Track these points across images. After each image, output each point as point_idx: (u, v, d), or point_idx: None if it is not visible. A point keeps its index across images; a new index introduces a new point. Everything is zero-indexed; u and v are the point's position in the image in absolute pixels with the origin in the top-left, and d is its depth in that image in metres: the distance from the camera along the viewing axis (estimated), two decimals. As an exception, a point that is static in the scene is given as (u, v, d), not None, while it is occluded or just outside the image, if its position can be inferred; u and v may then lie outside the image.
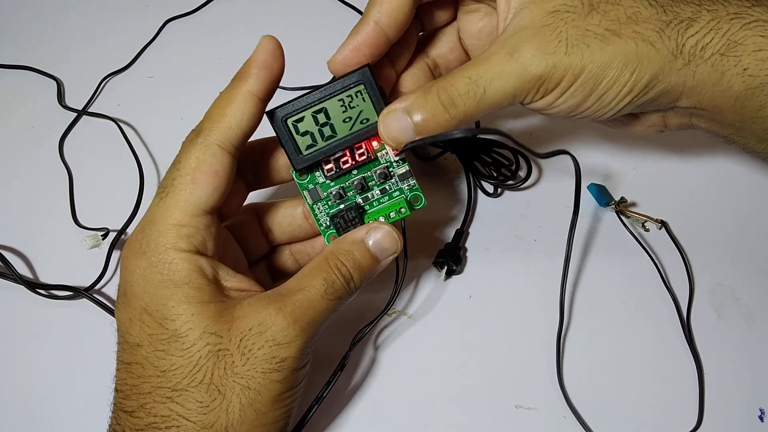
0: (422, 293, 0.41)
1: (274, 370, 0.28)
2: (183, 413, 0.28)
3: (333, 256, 0.31)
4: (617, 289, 0.41)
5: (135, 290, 0.29)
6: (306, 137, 0.31)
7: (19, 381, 0.38)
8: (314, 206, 0.34)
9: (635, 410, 0.37)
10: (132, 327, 0.29)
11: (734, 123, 0.31)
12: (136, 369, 0.29)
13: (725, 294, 0.41)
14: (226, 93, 0.30)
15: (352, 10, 0.58)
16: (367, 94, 0.31)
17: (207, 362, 0.28)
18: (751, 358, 0.38)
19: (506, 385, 0.38)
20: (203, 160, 0.29)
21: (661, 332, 0.39)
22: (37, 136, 0.50)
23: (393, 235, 0.32)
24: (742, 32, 0.28)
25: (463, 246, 0.43)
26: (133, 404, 0.28)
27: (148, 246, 0.29)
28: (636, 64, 0.29)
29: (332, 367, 0.35)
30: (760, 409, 0.36)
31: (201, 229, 0.29)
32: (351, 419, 0.37)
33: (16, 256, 0.43)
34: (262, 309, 0.29)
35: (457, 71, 0.30)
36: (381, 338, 0.39)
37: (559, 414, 0.36)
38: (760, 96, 0.29)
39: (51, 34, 0.57)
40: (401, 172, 0.34)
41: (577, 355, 0.39)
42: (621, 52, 0.28)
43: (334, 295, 0.30)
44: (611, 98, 0.30)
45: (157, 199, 0.30)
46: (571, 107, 0.30)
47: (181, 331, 0.28)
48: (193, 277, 0.29)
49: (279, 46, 0.30)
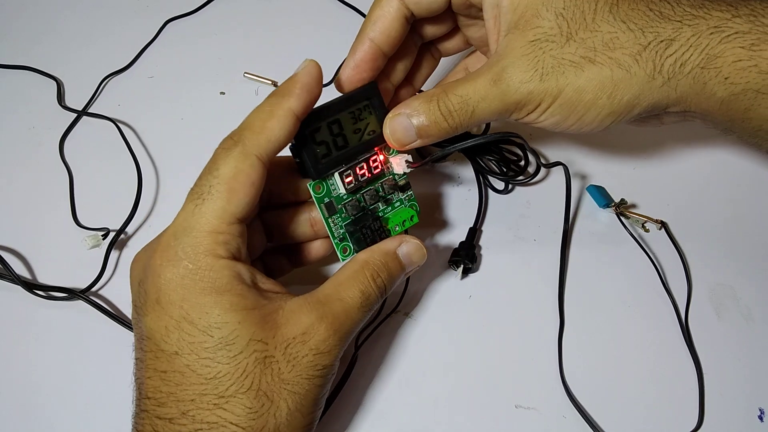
0: (422, 293, 0.41)
1: (318, 376, 0.29)
2: (232, 420, 0.28)
3: (368, 267, 0.32)
4: (617, 289, 0.41)
5: (172, 298, 0.29)
6: (322, 147, 0.33)
7: (18, 382, 0.38)
8: (329, 219, 0.34)
9: (635, 410, 0.37)
10: (169, 335, 0.29)
11: (724, 122, 0.32)
12: (174, 377, 0.28)
13: (725, 294, 0.41)
14: (268, 107, 0.31)
15: (352, 10, 0.58)
16: (374, 108, 0.34)
17: (255, 369, 0.28)
18: (750, 358, 0.38)
19: (506, 385, 0.38)
20: (242, 170, 0.29)
21: (661, 332, 0.39)
22: (37, 136, 0.50)
23: (422, 249, 0.35)
24: (721, 46, 0.30)
25: (478, 244, 0.43)
26: (172, 411, 0.28)
27: (185, 253, 0.29)
28: (611, 88, 0.31)
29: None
30: (760, 409, 0.36)
31: (236, 236, 0.30)
32: (351, 419, 0.37)
33: (15, 257, 0.43)
34: (304, 317, 0.30)
35: (452, 86, 0.32)
36: (381, 338, 0.39)
37: (559, 414, 0.36)
38: (743, 100, 0.30)
39: (51, 34, 0.57)
40: (402, 184, 0.36)
41: (576, 355, 0.39)
42: (595, 77, 0.31)
43: (368, 306, 0.32)
44: (592, 118, 0.32)
45: (192, 206, 0.29)
46: (554, 124, 0.33)
47: (229, 339, 0.28)
48: (234, 284, 0.29)
49: (320, 71, 0.32)
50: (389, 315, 0.40)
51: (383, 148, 0.35)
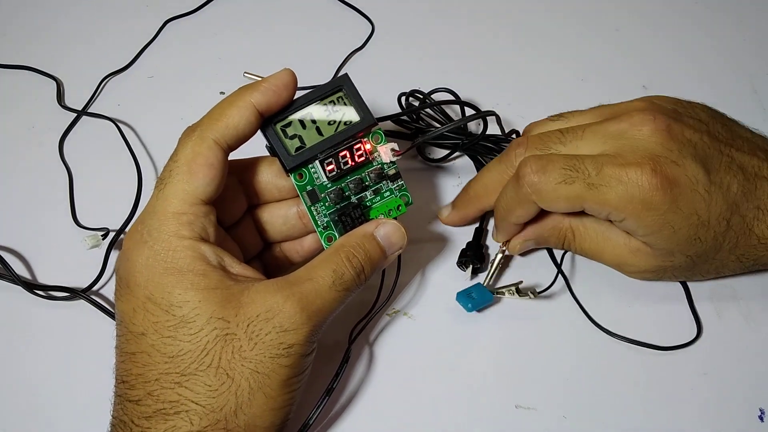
0: (422, 293, 0.41)
1: (282, 355, 0.29)
2: (192, 397, 0.28)
3: (344, 249, 0.32)
4: (618, 288, 0.41)
5: (138, 280, 0.29)
6: (294, 140, 0.34)
7: (18, 382, 0.38)
8: (312, 207, 0.35)
9: (636, 410, 0.37)
10: (136, 316, 0.29)
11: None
12: (142, 358, 0.29)
13: (725, 294, 0.41)
14: (229, 97, 0.32)
15: (352, 10, 0.58)
16: (348, 99, 0.34)
17: (215, 346, 0.28)
18: (751, 358, 0.38)
19: (506, 385, 0.38)
20: (199, 152, 0.30)
21: (661, 332, 0.39)
22: (36, 136, 0.50)
23: (401, 230, 0.34)
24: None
25: (484, 243, 0.43)
26: (139, 393, 0.29)
27: (150, 235, 0.30)
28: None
29: (334, 360, 0.36)
30: (760, 409, 0.36)
31: (200, 217, 0.30)
32: (351, 419, 0.37)
33: (15, 257, 0.43)
34: (270, 296, 0.29)
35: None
36: (381, 338, 0.39)
37: (559, 414, 0.36)
38: None
39: (50, 34, 0.57)
40: (392, 173, 0.36)
41: (576, 355, 0.39)
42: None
43: (343, 286, 0.31)
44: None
45: (156, 191, 0.31)
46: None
47: (189, 316, 0.28)
48: (197, 264, 0.29)
49: (295, 80, 0.33)
50: (382, 308, 0.40)
51: (370, 136, 0.35)
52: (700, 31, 0.57)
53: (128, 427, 0.29)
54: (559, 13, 0.58)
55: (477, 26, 0.57)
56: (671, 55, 0.55)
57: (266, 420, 0.29)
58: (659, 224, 0.34)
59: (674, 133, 0.34)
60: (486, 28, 0.57)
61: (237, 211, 0.36)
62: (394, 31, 0.57)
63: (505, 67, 0.54)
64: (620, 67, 0.54)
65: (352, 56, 0.54)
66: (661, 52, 0.55)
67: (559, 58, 0.54)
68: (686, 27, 0.57)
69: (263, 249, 0.38)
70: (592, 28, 0.57)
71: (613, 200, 0.33)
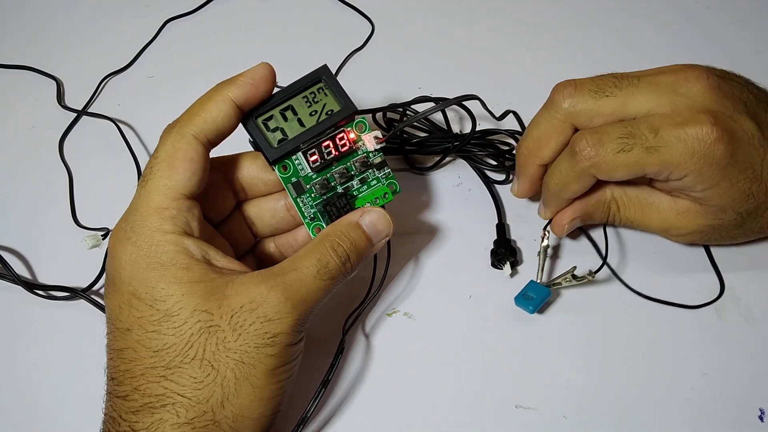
0: (422, 293, 0.41)
1: (267, 344, 0.29)
2: (177, 390, 0.28)
3: (328, 238, 0.32)
4: (617, 288, 0.41)
5: (122, 276, 0.29)
6: (276, 133, 0.34)
7: (18, 382, 0.38)
8: (298, 199, 0.35)
9: (636, 410, 0.37)
10: (122, 313, 0.29)
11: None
12: (128, 353, 0.29)
13: (725, 294, 0.41)
14: (207, 92, 0.32)
15: (352, 10, 0.58)
16: (328, 89, 0.34)
17: (198, 339, 0.28)
18: (751, 358, 0.38)
19: (506, 385, 0.38)
20: (179, 148, 0.31)
21: (661, 332, 0.39)
22: (36, 136, 0.50)
23: (386, 217, 0.34)
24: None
25: (510, 237, 0.43)
26: (127, 389, 0.29)
27: (133, 231, 0.30)
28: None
29: (329, 354, 0.36)
30: (760, 409, 0.36)
31: (183, 211, 0.30)
32: (350, 419, 0.37)
33: (15, 257, 0.43)
34: (254, 287, 0.29)
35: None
36: (380, 338, 0.39)
37: (559, 414, 0.36)
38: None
39: (50, 34, 0.57)
40: (377, 162, 0.36)
41: (578, 355, 0.39)
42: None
43: (328, 275, 0.31)
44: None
45: (139, 188, 0.31)
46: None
47: (173, 310, 0.28)
48: (179, 258, 0.29)
49: (273, 73, 0.33)
50: (387, 315, 0.40)
51: (353, 125, 0.35)
52: (700, 31, 0.57)
53: (117, 422, 0.29)
54: (559, 13, 0.58)
55: (477, 26, 0.57)
56: (671, 55, 0.55)
57: (254, 410, 0.29)
58: (718, 178, 0.34)
59: (725, 91, 0.34)
60: (486, 28, 0.57)
61: (225, 208, 0.36)
62: (394, 31, 0.57)
63: (505, 67, 0.54)
64: (620, 67, 0.54)
65: (352, 56, 0.54)
66: (662, 52, 0.55)
67: (559, 58, 0.54)
68: (686, 27, 0.57)
69: (258, 245, 0.38)
70: (592, 28, 0.57)
71: (675, 159, 0.33)
